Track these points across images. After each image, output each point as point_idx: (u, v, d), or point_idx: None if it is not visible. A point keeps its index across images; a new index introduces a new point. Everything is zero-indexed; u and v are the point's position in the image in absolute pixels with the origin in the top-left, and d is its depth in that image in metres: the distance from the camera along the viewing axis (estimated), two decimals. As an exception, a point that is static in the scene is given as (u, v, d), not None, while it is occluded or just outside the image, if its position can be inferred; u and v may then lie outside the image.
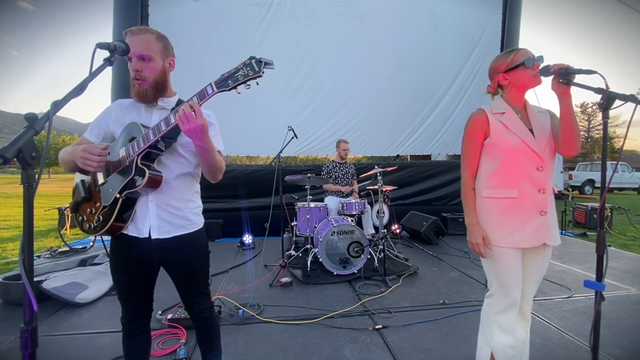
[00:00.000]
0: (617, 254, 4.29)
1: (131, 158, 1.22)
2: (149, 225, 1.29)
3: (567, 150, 1.39)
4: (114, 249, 1.35)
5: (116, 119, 1.34)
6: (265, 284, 3.19)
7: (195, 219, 1.40)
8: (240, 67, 1.12)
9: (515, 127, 1.41)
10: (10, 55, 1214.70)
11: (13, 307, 2.66)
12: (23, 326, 0.78)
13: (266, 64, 1.11)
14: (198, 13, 5.11)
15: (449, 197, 6.01)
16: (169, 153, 1.31)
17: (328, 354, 2.03)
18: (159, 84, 1.30)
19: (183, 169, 1.36)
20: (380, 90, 5.73)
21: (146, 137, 1.20)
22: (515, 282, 1.44)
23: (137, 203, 1.28)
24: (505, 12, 6.04)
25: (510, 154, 1.40)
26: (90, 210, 1.31)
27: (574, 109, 1.37)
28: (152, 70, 1.27)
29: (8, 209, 10.42)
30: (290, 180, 3.77)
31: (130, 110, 1.35)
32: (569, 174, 15.52)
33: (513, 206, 1.41)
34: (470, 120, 1.49)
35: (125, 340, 1.43)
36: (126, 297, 1.37)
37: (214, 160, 1.28)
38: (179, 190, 1.35)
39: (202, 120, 1.12)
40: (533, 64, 1.38)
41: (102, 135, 1.35)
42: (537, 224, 1.40)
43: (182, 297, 1.47)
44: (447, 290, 3.04)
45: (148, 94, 1.28)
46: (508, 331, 1.47)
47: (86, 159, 1.15)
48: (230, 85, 1.12)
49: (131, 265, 1.33)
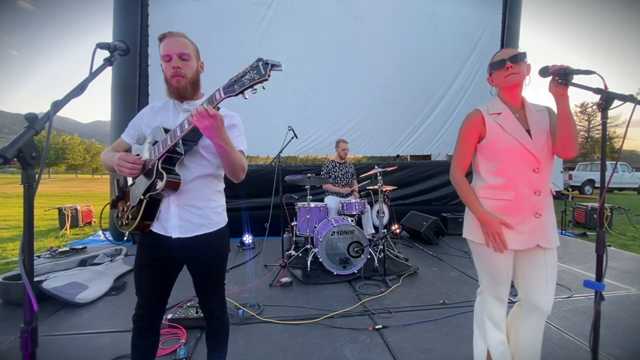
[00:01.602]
0: (617, 254, 4.29)
1: (153, 162, 1.29)
2: (171, 225, 1.35)
3: (564, 153, 1.37)
4: (140, 244, 1.42)
5: (148, 121, 1.43)
6: (265, 284, 3.19)
7: (216, 218, 1.44)
8: (247, 71, 1.09)
9: (512, 127, 1.40)
10: (10, 55, 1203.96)
11: (13, 307, 2.66)
12: (23, 326, 0.78)
13: (273, 66, 1.08)
14: (198, 13, 5.12)
15: (449, 197, 6.01)
16: (191, 155, 1.36)
17: (328, 354, 2.03)
18: (195, 81, 1.39)
19: (204, 170, 1.40)
20: (380, 90, 5.73)
21: (164, 143, 1.26)
22: (505, 281, 1.46)
23: (161, 203, 1.36)
24: (505, 12, 6.04)
25: (506, 156, 1.39)
26: (122, 208, 1.43)
27: (571, 110, 1.36)
28: (190, 68, 1.35)
29: (8, 209, 10.42)
30: (290, 180, 3.77)
31: (160, 113, 1.43)
32: (569, 174, 15.51)
33: (508, 208, 1.39)
34: (466, 120, 1.49)
35: (135, 340, 1.43)
36: (144, 292, 1.40)
37: (234, 159, 1.30)
38: (200, 190, 1.39)
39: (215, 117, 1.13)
40: (503, 65, 1.39)
41: (136, 137, 1.45)
42: (531, 227, 1.39)
43: (197, 293, 1.51)
44: (447, 290, 3.04)
45: (187, 90, 1.35)
46: (498, 326, 1.50)
47: (120, 166, 1.27)
48: (237, 91, 1.11)
49: (155, 260, 1.38)
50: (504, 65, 1.39)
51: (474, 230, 1.49)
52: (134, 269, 1.43)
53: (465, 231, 1.56)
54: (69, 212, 6.19)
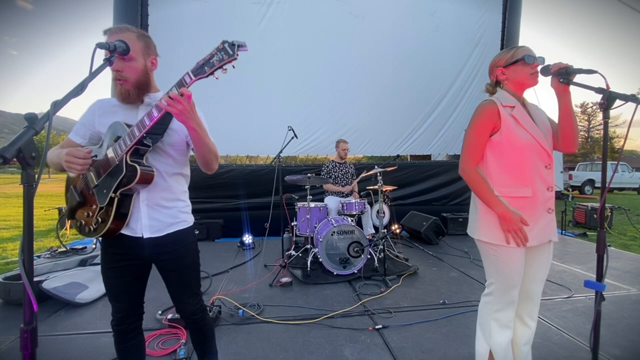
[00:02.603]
0: (617, 254, 4.29)
1: (120, 157, 1.22)
2: (141, 225, 1.31)
3: (567, 147, 1.38)
4: (106, 247, 1.36)
5: (101, 119, 1.32)
6: (265, 284, 3.19)
7: (185, 216, 1.42)
8: (214, 53, 1.10)
9: (526, 122, 1.37)
10: (10, 54, 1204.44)
11: (13, 307, 2.66)
12: (23, 326, 0.78)
13: (239, 46, 1.10)
14: (198, 12, 5.11)
15: (449, 197, 6.01)
16: (157, 154, 1.32)
17: (328, 354, 2.03)
18: (142, 83, 1.28)
19: (171, 168, 1.37)
20: (381, 90, 5.73)
21: (131, 134, 1.19)
22: (517, 282, 1.42)
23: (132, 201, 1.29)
24: (505, 12, 6.03)
25: (522, 151, 1.35)
26: (87, 214, 1.31)
27: (573, 108, 1.36)
28: (133, 70, 1.25)
29: (8, 209, 10.42)
30: (290, 180, 3.77)
31: (115, 109, 1.33)
32: (569, 174, 15.51)
33: (525, 205, 1.36)
34: (481, 110, 1.40)
35: (118, 345, 1.40)
36: (117, 295, 1.36)
37: (208, 144, 1.27)
38: (169, 190, 1.36)
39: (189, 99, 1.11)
40: (533, 62, 1.36)
41: (87, 136, 1.34)
42: (545, 222, 1.38)
43: (173, 297, 1.46)
44: (447, 290, 3.04)
45: (130, 94, 1.27)
46: (506, 328, 1.48)
47: (70, 162, 1.16)
48: (207, 72, 1.11)
49: (123, 261, 1.34)
50: (533, 61, 1.36)
51: (487, 230, 1.42)
52: (102, 274, 1.37)
53: (477, 232, 1.47)
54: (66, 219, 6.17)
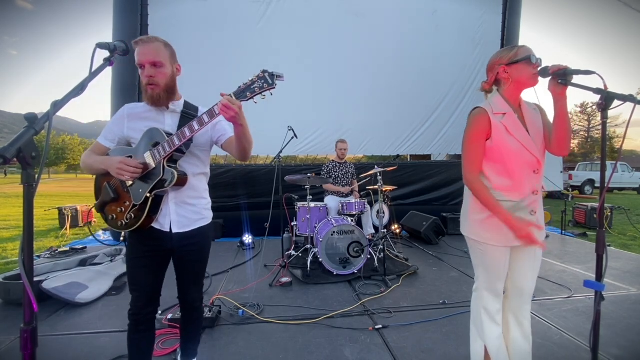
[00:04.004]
0: (617, 254, 4.29)
1: (158, 161, 1.37)
2: (169, 220, 1.45)
3: (559, 150, 1.41)
4: (135, 239, 1.48)
5: (131, 125, 1.46)
6: (265, 284, 3.19)
7: (207, 213, 1.58)
8: (255, 80, 1.28)
9: (515, 130, 1.40)
10: (10, 54, 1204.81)
11: (13, 307, 2.66)
12: (23, 326, 0.79)
13: (278, 77, 1.28)
14: (198, 12, 5.11)
15: (449, 197, 6.01)
16: (185, 156, 1.46)
17: (328, 354, 2.03)
18: (170, 88, 1.43)
19: (197, 169, 1.52)
20: (381, 90, 5.72)
21: (171, 142, 1.35)
22: (502, 277, 1.50)
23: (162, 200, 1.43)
24: (505, 12, 6.03)
25: (510, 159, 1.39)
26: (120, 210, 1.45)
27: (571, 109, 1.37)
28: (163, 76, 1.39)
29: (8, 209, 10.41)
30: (290, 180, 3.77)
31: (144, 116, 1.47)
32: (569, 174, 15.51)
33: (510, 208, 1.41)
34: (473, 120, 1.45)
35: (131, 335, 1.48)
36: (139, 283, 1.46)
37: (248, 136, 1.42)
38: (193, 188, 1.50)
39: (241, 108, 1.28)
40: (536, 62, 1.37)
41: (116, 141, 1.49)
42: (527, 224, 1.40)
43: (182, 285, 1.60)
44: (447, 290, 3.04)
45: (161, 98, 1.41)
46: (494, 320, 1.53)
47: (122, 170, 1.32)
48: (248, 97, 1.28)
49: (149, 252, 1.46)
50: (536, 61, 1.36)
51: (473, 228, 1.51)
52: (128, 264, 1.48)
53: (465, 229, 1.57)
54: (69, 212, 6.19)
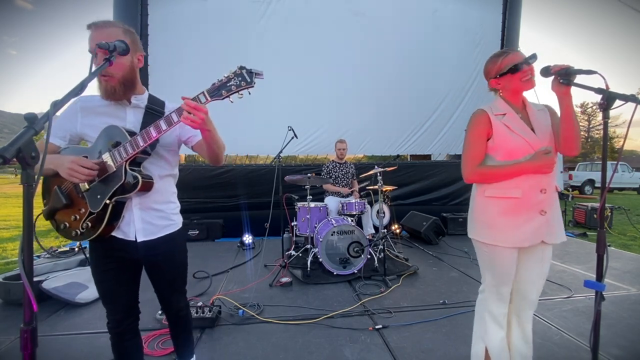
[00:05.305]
0: (617, 254, 4.29)
1: (119, 164, 1.19)
2: (134, 228, 1.30)
3: (568, 150, 1.39)
4: (95, 250, 1.33)
5: (85, 120, 1.28)
6: (265, 284, 3.19)
7: (176, 218, 1.44)
8: (231, 77, 1.15)
9: (517, 127, 1.41)
10: (9, 54, 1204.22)
11: (13, 307, 2.66)
12: (23, 326, 0.78)
13: (257, 74, 1.15)
14: (197, 11, 5.11)
15: (449, 197, 6.01)
16: (151, 157, 1.32)
17: (328, 354, 2.03)
18: (128, 80, 1.24)
19: (163, 171, 1.37)
20: (381, 89, 5.72)
21: (135, 143, 1.18)
22: (508, 280, 1.47)
23: (125, 207, 1.28)
24: (506, 12, 6.03)
25: (513, 155, 1.40)
26: (74, 217, 1.26)
27: (574, 109, 1.37)
28: (119, 67, 1.20)
29: (8, 209, 10.41)
30: (290, 180, 3.77)
31: (101, 111, 1.28)
32: (569, 174, 15.50)
33: (515, 206, 1.40)
34: (473, 120, 1.47)
35: (116, 347, 1.40)
36: (111, 298, 1.35)
37: (218, 140, 1.32)
38: (160, 192, 1.36)
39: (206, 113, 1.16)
40: (522, 68, 1.37)
41: (67, 138, 1.29)
42: (537, 224, 1.40)
43: (161, 296, 1.48)
44: (447, 290, 3.04)
45: (117, 92, 1.22)
46: (498, 323, 1.51)
47: (75, 171, 1.13)
48: (224, 95, 1.16)
49: (114, 263, 1.32)
50: (520, 69, 1.37)
51: (480, 230, 1.49)
52: (94, 277, 1.33)
53: (472, 231, 1.55)
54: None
